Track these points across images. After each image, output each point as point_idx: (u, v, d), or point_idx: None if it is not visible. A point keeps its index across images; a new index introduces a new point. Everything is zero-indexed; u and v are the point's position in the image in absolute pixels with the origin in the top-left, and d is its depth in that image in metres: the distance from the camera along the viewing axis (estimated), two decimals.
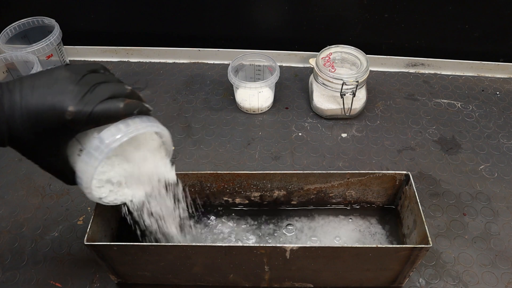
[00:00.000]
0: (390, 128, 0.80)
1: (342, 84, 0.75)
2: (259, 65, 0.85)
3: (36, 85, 0.39)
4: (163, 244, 0.50)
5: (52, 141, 0.41)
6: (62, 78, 0.40)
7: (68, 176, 0.45)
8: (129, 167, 0.48)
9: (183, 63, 0.97)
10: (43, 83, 0.39)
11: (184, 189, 0.53)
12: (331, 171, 0.60)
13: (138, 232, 0.54)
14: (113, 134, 0.42)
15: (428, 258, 0.60)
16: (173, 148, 0.49)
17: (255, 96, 0.80)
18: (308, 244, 0.49)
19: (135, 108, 0.42)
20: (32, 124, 0.39)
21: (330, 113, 0.81)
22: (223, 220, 0.64)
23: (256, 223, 0.63)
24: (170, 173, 0.50)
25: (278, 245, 0.49)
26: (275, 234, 0.62)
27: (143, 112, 0.43)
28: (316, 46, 0.84)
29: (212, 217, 0.63)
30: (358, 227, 0.62)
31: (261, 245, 0.49)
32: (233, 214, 0.64)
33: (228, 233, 0.62)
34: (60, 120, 0.39)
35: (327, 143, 0.77)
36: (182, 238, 0.56)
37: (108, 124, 0.41)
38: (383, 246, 0.49)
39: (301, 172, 0.60)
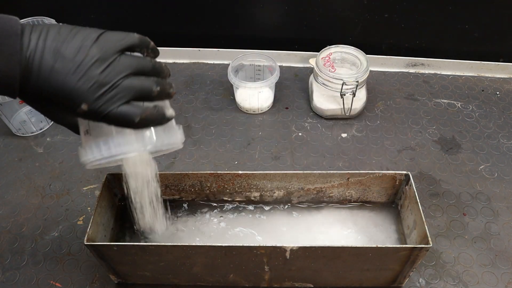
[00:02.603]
0: (390, 128, 0.80)
1: (342, 84, 0.75)
2: (259, 65, 0.85)
3: (60, 56, 0.35)
4: (163, 244, 0.50)
5: (60, 112, 0.41)
6: (89, 60, 0.35)
7: (76, 131, 0.44)
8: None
9: (183, 63, 0.97)
10: (68, 58, 0.35)
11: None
12: (331, 171, 0.60)
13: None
14: (118, 146, 0.40)
15: (428, 258, 0.60)
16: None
17: (255, 96, 0.80)
18: (308, 244, 0.49)
19: (151, 123, 0.39)
20: (44, 94, 0.36)
21: (330, 113, 0.81)
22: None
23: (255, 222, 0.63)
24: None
25: (278, 245, 0.49)
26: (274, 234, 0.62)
27: (159, 124, 0.40)
28: (316, 46, 0.84)
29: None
30: (358, 227, 0.62)
31: (261, 245, 0.49)
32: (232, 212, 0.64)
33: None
34: (72, 108, 0.36)
35: (327, 143, 0.77)
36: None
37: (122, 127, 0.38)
38: (383, 246, 0.49)
39: (301, 172, 0.60)
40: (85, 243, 0.50)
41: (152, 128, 0.41)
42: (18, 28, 0.35)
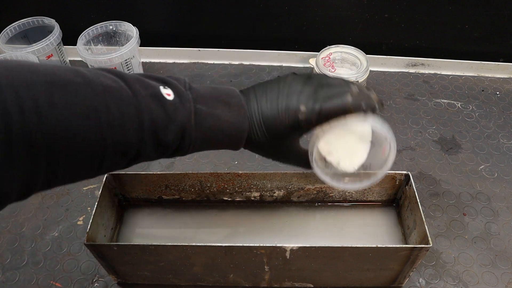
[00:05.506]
0: (390, 128, 0.79)
1: None
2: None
3: (268, 90, 0.42)
4: (163, 244, 0.50)
5: (286, 141, 0.43)
6: (290, 81, 0.42)
7: (306, 165, 0.46)
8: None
9: (183, 63, 0.97)
10: (274, 87, 0.42)
11: None
12: None
13: None
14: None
15: (428, 258, 0.60)
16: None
17: None
18: (308, 244, 0.49)
19: (363, 100, 0.41)
20: (269, 127, 0.41)
21: None
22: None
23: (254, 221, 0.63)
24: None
25: (278, 245, 0.49)
26: (275, 234, 0.62)
27: (371, 107, 0.42)
28: (316, 46, 0.84)
29: None
30: (358, 227, 0.62)
31: (261, 245, 0.49)
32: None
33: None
34: (293, 120, 0.40)
35: None
36: None
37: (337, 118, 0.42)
38: (383, 246, 0.49)
39: (301, 172, 0.60)
40: (85, 243, 0.50)
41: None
42: (236, 91, 0.42)
